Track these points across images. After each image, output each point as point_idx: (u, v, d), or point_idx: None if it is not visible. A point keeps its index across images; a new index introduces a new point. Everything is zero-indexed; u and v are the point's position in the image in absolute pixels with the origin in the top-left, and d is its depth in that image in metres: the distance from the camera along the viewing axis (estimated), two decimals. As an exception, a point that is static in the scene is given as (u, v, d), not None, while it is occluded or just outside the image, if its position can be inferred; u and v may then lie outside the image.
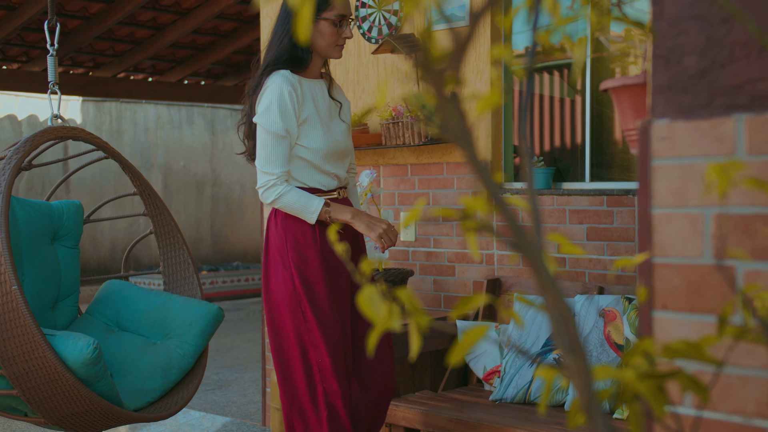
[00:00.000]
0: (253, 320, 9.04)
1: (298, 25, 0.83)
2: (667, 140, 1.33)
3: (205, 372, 4.14)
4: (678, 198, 1.32)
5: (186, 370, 3.87)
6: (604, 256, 3.68)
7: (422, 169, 4.28)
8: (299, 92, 2.97)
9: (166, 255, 4.35)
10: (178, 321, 3.95)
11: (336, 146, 3.09)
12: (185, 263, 4.31)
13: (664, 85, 1.34)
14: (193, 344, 3.90)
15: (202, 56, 9.65)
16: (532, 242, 0.84)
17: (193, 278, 4.32)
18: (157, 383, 3.78)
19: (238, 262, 11.82)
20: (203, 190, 11.97)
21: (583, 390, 0.86)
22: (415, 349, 1.05)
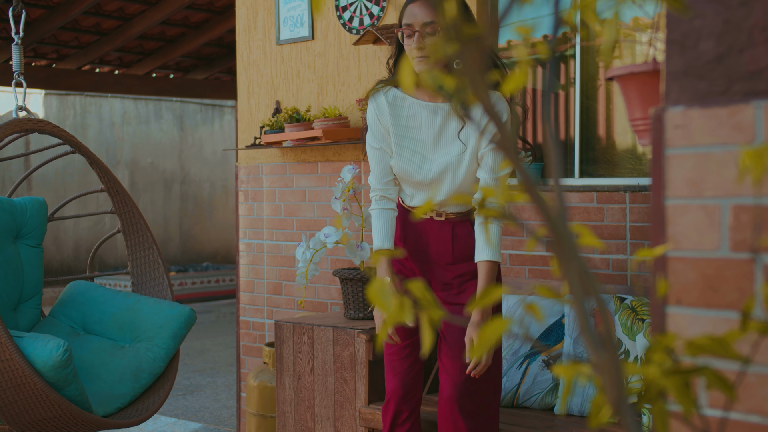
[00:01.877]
0: (224, 323, 8.97)
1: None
2: (682, 128, 1.31)
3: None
4: (693, 189, 1.30)
5: (157, 374, 3.82)
6: (594, 255, 3.67)
7: (405, 165, 4.25)
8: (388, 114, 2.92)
9: (134, 254, 4.29)
10: (148, 323, 3.90)
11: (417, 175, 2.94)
12: (155, 263, 4.26)
13: (679, 71, 1.33)
14: (165, 347, 3.85)
15: (172, 48, 9.57)
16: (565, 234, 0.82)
17: (164, 279, 4.26)
18: (127, 388, 3.73)
19: (208, 263, 11.73)
20: (171, 187, 11.86)
21: (612, 386, 0.84)
22: (428, 344, 1.02)
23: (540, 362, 3.49)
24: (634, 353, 3.21)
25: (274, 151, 4.78)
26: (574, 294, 0.85)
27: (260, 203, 4.86)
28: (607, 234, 3.63)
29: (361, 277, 3.90)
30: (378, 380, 3.67)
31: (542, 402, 3.45)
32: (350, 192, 3.93)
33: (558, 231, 0.83)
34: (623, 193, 3.57)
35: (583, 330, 0.86)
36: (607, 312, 0.86)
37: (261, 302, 4.85)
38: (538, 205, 0.84)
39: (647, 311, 3.24)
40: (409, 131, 2.91)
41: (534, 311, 0.94)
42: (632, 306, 3.28)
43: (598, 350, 0.85)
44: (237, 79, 4.97)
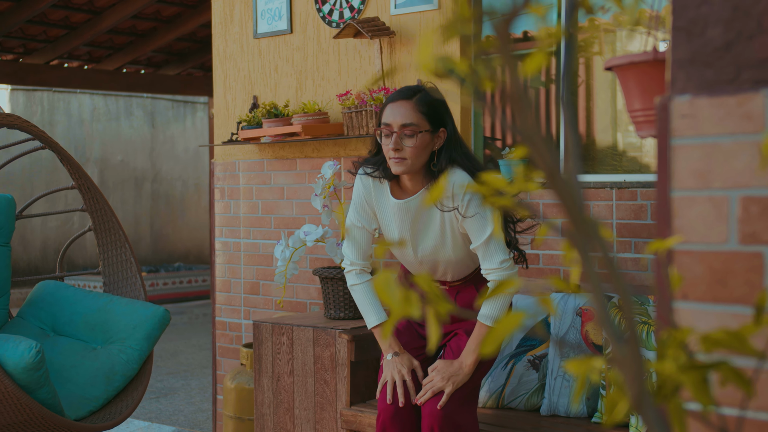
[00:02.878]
0: (197, 324, 8.90)
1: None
2: (689, 118, 1.29)
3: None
4: (700, 180, 1.29)
5: (130, 376, 3.77)
6: (580, 253, 3.67)
7: (386, 161, 4.23)
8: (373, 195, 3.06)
9: (106, 254, 4.24)
10: (120, 324, 3.85)
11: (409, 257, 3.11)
12: (127, 262, 4.20)
13: (686, 59, 1.31)
14: (138, 349, 3.80)
15: (143, 43, 9.48)
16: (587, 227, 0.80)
17: (136, 278, 4.21)
18: (99, 391, 3.68)
19: (180, 263, 11.65)
20: (142, 186, 11.76)
21: (633, 381, 0.82)
22: (434, 339, 1.00)
23: (525, 362, 3.48)
24: (621, 353, 3.21)
25: (251, 148, 4.74)
26: (593, 284, 0.83)
27: (237, 201, 4.81)
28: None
29: (342, 275, 3.87)
30: (360, 381, 3.64)
31: (528, 403, 3.43)
32: (331, 189, 3.90)
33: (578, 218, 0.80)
34: (609, 189, 3.57)
35: (603, 322, 0.84)
36: (630, 303, 0.84)
37: (238, 302, 4.81)
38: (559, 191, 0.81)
39: (635, 310, 3.23)
40: (392, 222, 3.03)
41: (547, 304, 0.92)
42: (620, 305, 3.28)
43: (619, 344, 0.83)
44: (213, 73, 4.92)
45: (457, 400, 3.01)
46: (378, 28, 4.06)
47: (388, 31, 4.08)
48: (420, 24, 4.07)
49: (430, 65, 0.85)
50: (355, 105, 4.09)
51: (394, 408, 3.05)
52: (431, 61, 0.84)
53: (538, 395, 3.43)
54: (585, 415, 3.32)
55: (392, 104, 2.90)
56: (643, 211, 3.49)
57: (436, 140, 2.92)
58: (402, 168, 2.89)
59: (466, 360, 3.01)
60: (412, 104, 2.88)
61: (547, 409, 3.37)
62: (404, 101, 2.89)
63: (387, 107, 2.91)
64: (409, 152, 2.86)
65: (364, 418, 3.49)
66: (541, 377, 3.45)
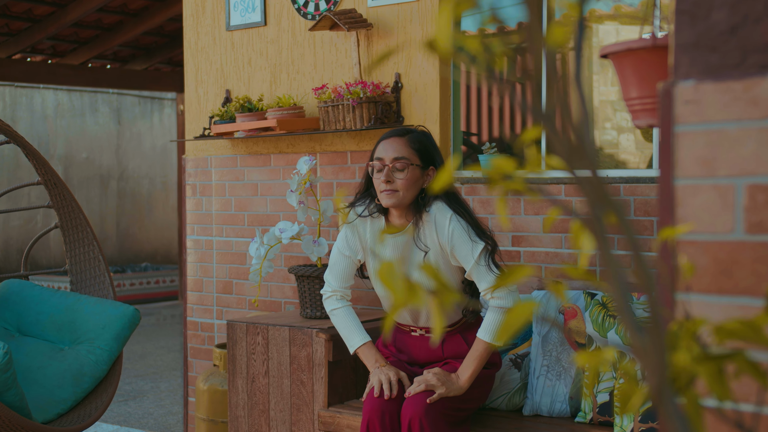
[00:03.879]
0: (165, 325, 8.82)
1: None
2: (693, 104, 1.27)
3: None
4: (705, 168, 1.27)
5: (99, 378, 3.72)
6: (562, 249, 3.66)
7: (363, 157, 4.20)
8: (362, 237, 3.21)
9: (73, 252, 4.17)
10: (89, 324, 3.79)
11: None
12: (95, 260, 4.15)
13: (689, 44, 1.29)
14: (107, 349, 3.75)
15: (109, 37, 9.37)
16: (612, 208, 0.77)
17: (105, 277, 4.16)
18: (67, 393, 3.62)
19: (147, 263, 11.54)
20: (108, 184, 11.65)
21: (655, 372, 0.80)
22: (439, 330, 0.97)
23: (507, 361, 3.46)
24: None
25: (223, 143, 4.69)
26: (612, 273, 0.81)
27: (209, 197, 4.76)
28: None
29: (319, 274, 3.83)
30: (338, 382, 3.61)
31: (510, 403, 3.42)
32: (307, 185, 3.86)
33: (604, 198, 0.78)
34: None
35: (623, 311, 0.81)
36: (656, 290, 0.82)
37: (210, 302, 4.76)
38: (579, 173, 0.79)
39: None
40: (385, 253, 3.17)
41: (558, 290, 0.89)
42: (603, 302, 3.26)
43: (639, 333, 0.80)
44: (184, 67, 4.86)
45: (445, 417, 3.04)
46: (355, 20, 4.03)
47: (365, 23, 4.05)
48: (398, 16, 4.05)
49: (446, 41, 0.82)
50: (331, 99, 4.05)
51: (380, 404, 3.06)
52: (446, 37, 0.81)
53: (520, 395, 3.41)
54: (568, 414, 3.31)
55: (385, 141, 3.10)
56: (626, 207, 3.49)
57: (425, 177, 3.10)
58: (393, 200, 3.05)
59: (463, 374, 3.07)
60: (404, 140, 3.09)
61: (530, 408, 3.35)
62: (397, 138, 3.10)
63: (380, 144, 3.11)
64: (400, 185, 3.04)
65: (342, 419, 3.46)
66: (523, 376, 3.43)
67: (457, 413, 3.11)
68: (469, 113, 5.64)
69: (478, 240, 3.04)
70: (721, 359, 0.93)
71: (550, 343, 3.38)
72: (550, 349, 3.38)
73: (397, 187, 3.04)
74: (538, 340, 3.40)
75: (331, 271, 3.31)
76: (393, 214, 3.16)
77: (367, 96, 3.95)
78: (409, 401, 3.02)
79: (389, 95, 4.04)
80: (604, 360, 0.98)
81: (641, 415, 3.01)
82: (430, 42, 0.89)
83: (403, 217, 3.14)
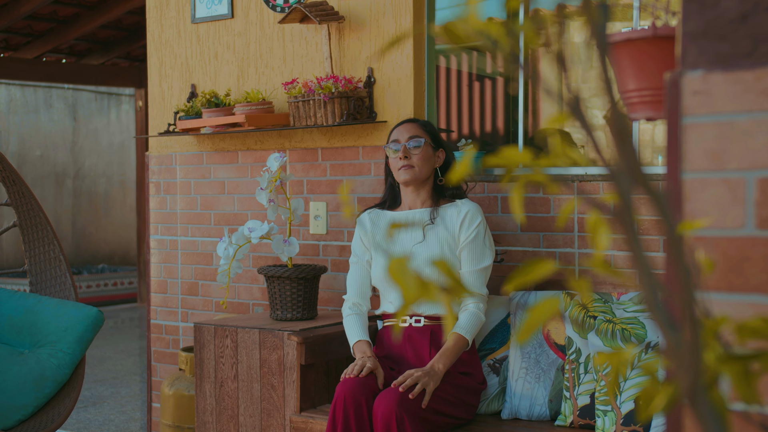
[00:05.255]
0: (124, 329, 8.72)
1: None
2: (702, 95, 1.26)
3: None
4: (715, 161, 1.25)
5: (62, 382, 3.65)
6: (540, 248, 3.65)
7: (335, 154, 4.16)
8: (368, 227, 3.50)
9: (33, 251, 4.10)
10: (50, 327, 3.73)
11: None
12: (56, 260, 4.08)
13: (698, 32, 1.27)
14: (70, 353, 3.69)
15: (64, 30, 9.24)
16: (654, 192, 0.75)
17: (66, 278, 4.09)
18: (28, 398, 3.55)
19: (104, 265, 11.40)
20: (63, 182, 11.48)
21: (688, 371, 0.77)
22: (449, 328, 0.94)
23: (485, 367, 3.44)
24: (586, 352, 3.19)
25: (189, 139, 4.62)
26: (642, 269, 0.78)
27: (174, 196, 4.69)
28: (554, 226, 3.61)
29: (289, 274, 3.79)
30: (310, 386, 3.57)
31: (488, 408, 3.40)
32: (277, 182, 3.82)
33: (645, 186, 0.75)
34: (571, 183, 3.55)
35: (652, 308, 0.79)
36: (690, 285, 0.79)
37: (175, 304, 4.69)
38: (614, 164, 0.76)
39: (598, 308, 3.22)
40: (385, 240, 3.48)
41: (583, 288, 0.86)
42: (583, 302, 3.26)
43: (671, 332, 0.78)
44: (147, 60, 4.79)
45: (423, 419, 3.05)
46: (326, 13, 3.99)
47: (337, 15, 4.02)
48: (370, 9, 4.02)
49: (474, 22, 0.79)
50: (302, 94, 4.01)
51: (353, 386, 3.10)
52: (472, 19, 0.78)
53: (498, 399, 3.40)
54: (547, 418, 3.30)
55: (399, 126, 3.47)
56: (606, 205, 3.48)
57: (436, 158, 3.45)
58: (409, 175, 3.38)
59: (438, 363, 3.16)
60: (415, 124, 3.47)
61: (508, 412, 3.34)
62: (409, 123, 3.48)
63: (394, 130, 3.48)
64: (415, 160, 3.38)
65: (315, 425, 3.42)
66: (502, 381, 3.42)
67: (435, 416, 3.08)
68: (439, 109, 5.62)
69: (489, 253, 3.35)
70: (746, 359, 0.92)
71: (529, 345, 3.37)
72: (529, 351, 3.36)
73: (413, 162, 3.38)
74: (516, 342, 3.39)
75: (348, 279, 3.54)
76: (410, 196, 3.45)
77: (339, 91, 3.91)
78: (385, 395, 3.01)
79: (362, 90, 4.01)
80: (625, 360, 0.96)
81: (623, 418, 3.01)
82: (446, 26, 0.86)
83: (421, 197, 3.45)
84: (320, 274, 3.88)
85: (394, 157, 3.41)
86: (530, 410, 3.31)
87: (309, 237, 4.25)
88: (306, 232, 4.25)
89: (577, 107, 0.78)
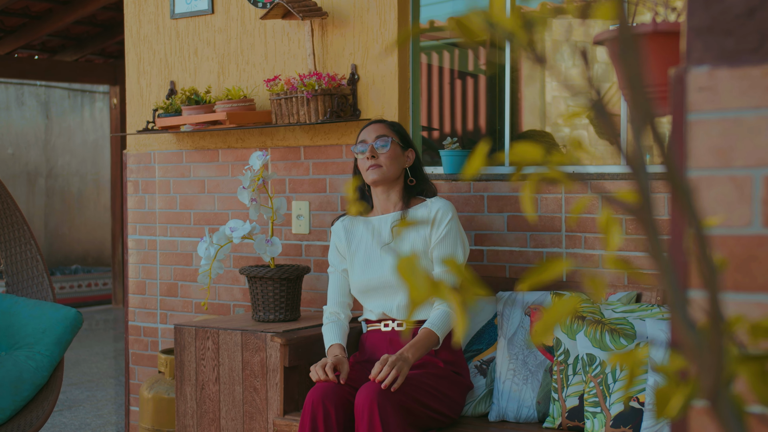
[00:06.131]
0: (98, 331, 8.65)
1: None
2: (708, 91, 1.25)
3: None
4: (721, 158, 1.25)
5: (40, 385, 3.62)
6: (527, 248, 3.65)
7: (318, 152, 4.14)
8: (343, 237, 3.48)
9: (9, 251, 4.06)
10: (28, 328, 3.69)
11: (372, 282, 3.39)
12: (33, 260, 4.04)
13: (703, 27, 1.27)
14: (48, 355, 3.66)
15: (37, 26, 9.16)
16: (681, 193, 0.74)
17: (43, 278, 4.05)
18: (5, 402, 3.51)
19: (78, 265, 11.31)
20: (36, 182, 11.39)
21: (710, 372, 0.77)
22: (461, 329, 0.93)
23: (472, 369, 3.44)
24: (574, 353, 3.19)
25: (168, 137, 4.59)
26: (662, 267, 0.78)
27: (152, 195, 4.65)
28: (542, 226, 3.61)
29: (272, 275, 3.77)
30: (294, 388, 3.55)
31: (475, 410, 3.39)
32: (260, 181, 3.79)
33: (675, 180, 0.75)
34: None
35: (675, 307, 0.78)
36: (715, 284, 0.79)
37: (153, 305, 4.65)
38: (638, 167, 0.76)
39: (587, 308, 3.22)
40: (361, 246, 3.43)
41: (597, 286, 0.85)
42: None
43: (692, 331, 0.77)
44: (125, 57, 4.75)
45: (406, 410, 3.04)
46: (309, 9, 3.97)
47: (320, 11, 4.00)
48: (354, 5, 4.00)
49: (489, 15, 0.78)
50: (284, 91, 3.99)
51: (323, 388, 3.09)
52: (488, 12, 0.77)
53: (486, 401, 3.39)
54: (535, 420, 3.29)
55: (366, 128, 3.44)
56: (594, 205, 3.49)
57: (406, 158, 3.44)
58: (377, 174, 3.35)
59: (407, 352, 3.13)
60: (383, 124, 3.45)
61: (496, 414, 3.33)
62: (377, 123, 3.46)
63: (361, 131, 3.44)
64: (383, 159, 3.36)
65: (294, 429, 3.40)
66: (489, 383, 3.41)
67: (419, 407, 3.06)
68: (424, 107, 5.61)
69: (461, 252, 3.33)
70: (762, 360, 0.91)
71: (516, 346, 3.37)
72: (516, 352, 3.36)
73: (380, 162, 3.35)
74: (504, 343, 3.39)
75: (328, 289, 3.54)
76: (381, 197, 3.42)
77: (322, 88, 3.89)
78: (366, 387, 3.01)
79: (345, 87, 3.99)
80: (639, 360, 0.95)
81: (613, 419, 3.01)
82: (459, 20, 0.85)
83: (391, 198, 3.43)
84: (303, 274, 3.86)
85: (361, 157, 3.39)
86: (518, 412, 3.30)
87: (291, 237, 4.23)
88: (288, 231, 4.23)
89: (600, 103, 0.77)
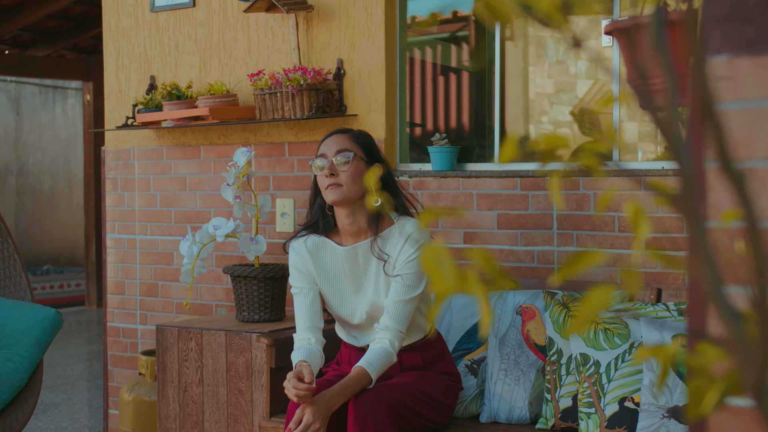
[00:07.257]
0: (72, 333, 8.59)
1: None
2: (727, 80, 1.24)
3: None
4: (741, 150, 1.24)
5: (19, 387, 3.58)
6: (517, 246, 3.64)
7: (302, 148, 4.12)
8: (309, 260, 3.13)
9: (-17, 251, 4.01)
10: (6, 329, 3.66)
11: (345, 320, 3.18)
12: (10, 260, 4.00)
13: (722, 15, 1.26)
14: (27, 356, 3.62)
15: (7, 19, 9.07)
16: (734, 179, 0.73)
17: (21, 277, 4.01)
18: (-18, 405, 3.47)
19: (50, 266, 11.22)
20: (6, 180, 11.29)
21: (755, 365, 0.75)
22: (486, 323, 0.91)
23: (463, 368, 3.43)
24: (567, 353, 3.18)
25: (147, 133, 4.55)
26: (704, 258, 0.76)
27: (132, 192, 4.61)
28: (532, 224, 3.60)
29: (256, 274, 3.74)
30: (280, 390, 3.52)
31: (466, 410, 3.38)
32: (244, 178, 3.77)
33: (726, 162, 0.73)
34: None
35: (716, 299, 0.77)
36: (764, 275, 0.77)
37: (133, 305, 4.61)
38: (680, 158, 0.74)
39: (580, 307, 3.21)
40: (334, 279, 3.12)
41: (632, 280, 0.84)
42: (563, 302, 3.25)
43: (736, 323, 0.76)
44: (103, 51, 4.71)
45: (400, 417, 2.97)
46: (294, 2, 3.95)
47: (305, 4, 3.97)
48: (340, -2, 3.98)
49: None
50: (268, 86, 3.96)
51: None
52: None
53: (477, 402, 3.38)
54: (528, 421, 3.29)
55: (327, 139, 3.10)
56: (586, 202, 3.49)
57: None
58: (337, 194, 3.00)
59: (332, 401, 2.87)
60: (346, 136, 3.10)
61: (487, 415, 3.32)
62: (339, 134, 3.10)
63: (322, 143, 3.11)
64: (344, 178, 3.00)
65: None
66: (480, 383, 3.40)
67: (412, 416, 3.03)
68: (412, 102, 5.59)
69: (423, 282, 3.04)
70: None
71: (508, 345, 3.36)
72: (508, 352, 3.35)
73: (341, 180, 3.00)
74: (495, 342, 3.38)
75: (295, 313, 3.17)
76: (345, 223, 3.08)
77: (307, 83, 3.87)
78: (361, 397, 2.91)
79: (331, 82, 3.97)
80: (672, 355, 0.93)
81: (608, 420, 3.01)
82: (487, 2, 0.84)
83: (357, 222, 3.08)
84: (288, 273, 3.84)
85: (320, 174, 3.04)
86: (510, 413, 3.30)
87: (275, 235, 4.20)
88: (272, 230, 4.20)
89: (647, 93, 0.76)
